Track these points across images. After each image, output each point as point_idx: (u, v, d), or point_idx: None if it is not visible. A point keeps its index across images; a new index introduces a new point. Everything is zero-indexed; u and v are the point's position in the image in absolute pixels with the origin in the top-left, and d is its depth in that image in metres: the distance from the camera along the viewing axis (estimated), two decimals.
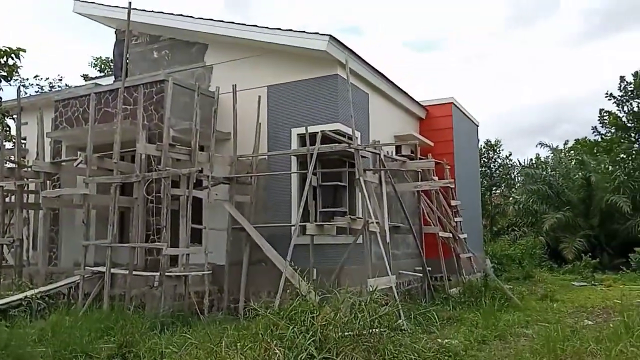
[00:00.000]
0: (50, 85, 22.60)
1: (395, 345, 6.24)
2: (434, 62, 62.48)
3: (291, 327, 5.68)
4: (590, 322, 8.54)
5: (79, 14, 12.78)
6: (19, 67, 7.52)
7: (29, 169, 10.82)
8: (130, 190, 10.10)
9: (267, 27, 10.05)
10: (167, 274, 8.44)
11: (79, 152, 10.27)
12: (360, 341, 5.91)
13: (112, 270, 8.81)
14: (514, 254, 18.12)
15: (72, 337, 6.49)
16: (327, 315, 5.95)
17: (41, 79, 22.49)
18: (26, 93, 19.75)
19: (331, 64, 9.90)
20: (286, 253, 8.91)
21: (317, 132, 9.29)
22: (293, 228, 9.25)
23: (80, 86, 14.31)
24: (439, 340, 6.96)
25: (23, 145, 12.83)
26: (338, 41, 9.57)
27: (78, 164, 9.17)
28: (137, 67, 12.33)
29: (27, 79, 21.13)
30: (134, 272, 8.68)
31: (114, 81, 12.45)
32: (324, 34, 9.37)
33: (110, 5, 12.22)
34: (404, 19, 60.53)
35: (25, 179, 10.90)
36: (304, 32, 9.64)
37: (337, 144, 9.26)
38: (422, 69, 58.55)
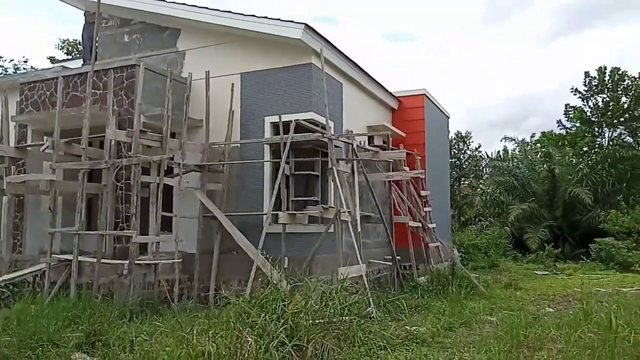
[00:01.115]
0: (15, 67, 21.80)
1: (365, 333, 6.37)
2: (409, 53, 62.90)
3: (262, 315, 5.72)
4: (551, 310, 8.86)
5: None
6: None
7: None
8: (98, 176, 9.90)
9: (241, 14, 9.90)
10: (136, 262, 8.33)
11: (45, 137, 9.97)
12: (331, 328, 6.00)
13: (80, 258, 8.63)
14: (480, 244, 18.56)
15: (38, 326, 6.33)
16: (298, 303, 6.01)
17: (5, 60, 21.66)
18: None
19: (306, 52, 9.84)
20: (258, 241, 8.90)
21: (291, 121, 9.27)
22: (265, 217, 9.24)
23: (47, 69, 13.79)
24: (407, 327, 7.12)
25: None
26: (313, 30, 9.51)
27: (44, 149, 8.89)
28: (106, 51, 12.00)
29: None
30: (102, 260, 8.52)
31: (82, 65, 12.06)
32: (299, 22, 9.30)
33: None
34: (380, 10, 60.67)
35: None
36: (279, 19, 9.55)
37: (310, 133, 9.25)
38: (397, 61, 59.01)
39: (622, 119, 28.25)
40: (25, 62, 22.40)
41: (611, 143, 27.81)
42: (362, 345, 6.04)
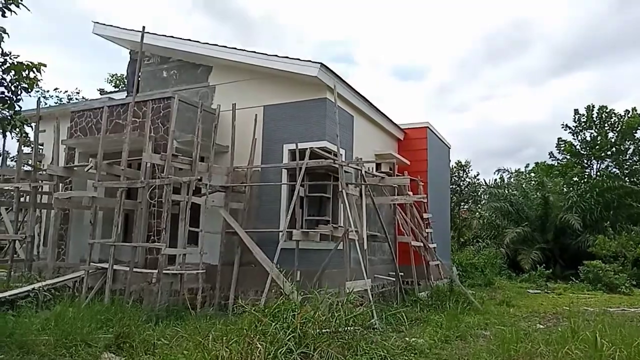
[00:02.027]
0: (69, 97, 22.29)
1: (367, 343, 6.17)
2: (417, 89, 63.09)
3: (274, 324, 5.60)
4: (541, 326, 8.54)
5: (98, 34, 12.67)
6: (39, 80, 7.41)
7: (44, 173, 10.63)
8: (136, 194, 9.97)
9: (265, 54, 10.05)
10: (164, 271, 8.29)
11: (90, 159, 10.12)
12: (336, 338, 5.84)
13: (115, 267, 8.64)
14: (477, 263, 18.15)
15: (73, 327, 6.31)
16: (306, 313, 5.88)
17: (60, 91, 22.21)
18: (46, 103, 19.49)
19: (321, 88, 9.90)
20: (274, 256, 8.85)
21: (306, 149, 9.27)
22: (281, 233, 9.17)
23: (95, 99, 14.12)
24: (407, 338, 6.91)
25: (40, 151, 12.66)
26: (328, 68, 9.59)
27: (89, 169, 9.02)
28: (147, 85, 12.24)
29: (48, 91, 20.88)
30: (134, 269, 8.51)
31: (126, 96, 12.34)
32: (316, 62, 9.39)
33: (125, 28, 12.15)
34: (392, 51, 61.24)
35: (40, 182, 10.71)
36: (298, 59, 9.65)
37: (323, 160, 9.23)
38: (407, 96, 59.25)
39: (609, 152, 27.80)
40: (78, 93, 22.87)
41: (598, 174, 27.30)
42: (364, 354, 5.85)
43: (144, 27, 9.38)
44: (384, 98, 58.01)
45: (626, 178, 25.97)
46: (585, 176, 27.64)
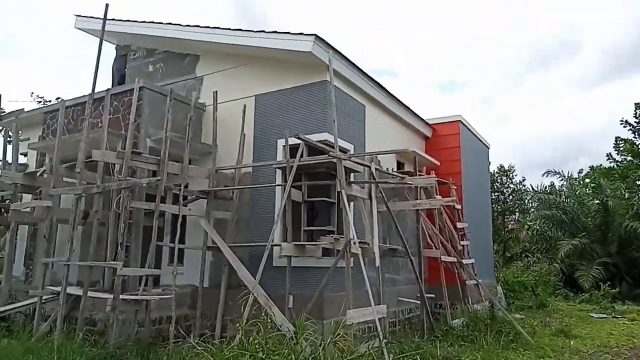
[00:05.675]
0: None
1: None
2: (460, 100, 60.28)
3: None
4: None
5: (81, 29, 11.64)
6: None
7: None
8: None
9: (251, 30, 8.51)
10: (122, 297, 6.77)
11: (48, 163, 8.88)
12: None
13: (68, 291, 7.19)
14: (527, 281, 15.78)
15: None
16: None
17: (48, 100, 21.14)
18: None
19: (320, 69, 8.22)
20: (268, 275, 7.23)
21: (299, 143, 7.58)
22: (272, 247, 7.51)
23: (71, 99, 12.84)
24: None
25: (23, 160, 11.67)
26: (324, 42, 7.86)
27: (41, 174, 7.71)
28: (133, 81, 10.92)
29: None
30: (90, 294, 7.04)
31: None
32: (309, 34, 7.74)
33: (108, 18, 10.96)
34: (433, 62, 58.87)
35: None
36: (287, 33, 8.04)
37: (319, 156, 7.50)
38: (452, 108, 56.69)
39: None
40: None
41: None
42: None
43: (107, 5, 8.02)
44: (430, 110, 55.55)
45: None
46: None
